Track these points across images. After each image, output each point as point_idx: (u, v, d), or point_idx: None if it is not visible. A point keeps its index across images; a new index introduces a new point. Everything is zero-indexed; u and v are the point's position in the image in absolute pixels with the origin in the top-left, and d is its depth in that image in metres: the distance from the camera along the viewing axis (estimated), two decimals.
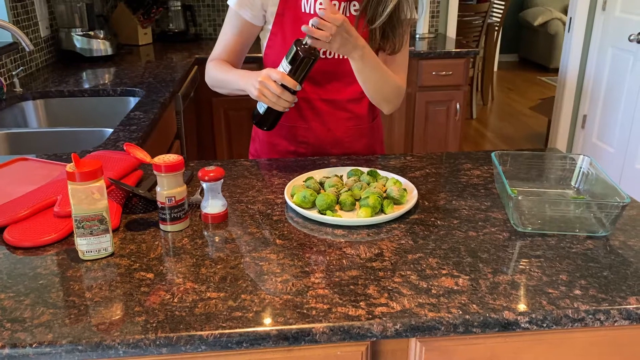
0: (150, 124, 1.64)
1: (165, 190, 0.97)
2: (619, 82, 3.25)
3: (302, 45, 1.14)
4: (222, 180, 1.02)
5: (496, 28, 5.09)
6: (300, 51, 1.13)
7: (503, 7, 5.08)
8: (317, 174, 1.20)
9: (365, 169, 1.20)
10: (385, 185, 1.12)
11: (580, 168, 1.16)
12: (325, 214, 1.03)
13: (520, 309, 0.77)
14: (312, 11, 1.28)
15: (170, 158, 0.96)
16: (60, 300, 0.79)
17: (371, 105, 1.42)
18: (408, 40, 1.37)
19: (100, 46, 2.67)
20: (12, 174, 1.20)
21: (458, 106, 3.11)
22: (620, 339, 0.83)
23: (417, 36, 3.46)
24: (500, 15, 5.13)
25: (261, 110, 1.23)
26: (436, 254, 0.91)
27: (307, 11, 1.29)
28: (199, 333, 0.72)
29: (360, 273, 0.85)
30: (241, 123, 3.00)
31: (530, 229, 1.00)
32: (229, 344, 0.72)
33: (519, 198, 1.02)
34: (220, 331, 0.72)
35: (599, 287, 0.82)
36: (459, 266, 0.88)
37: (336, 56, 1.33)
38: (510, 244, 0.95)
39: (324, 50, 1.30)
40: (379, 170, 1.19)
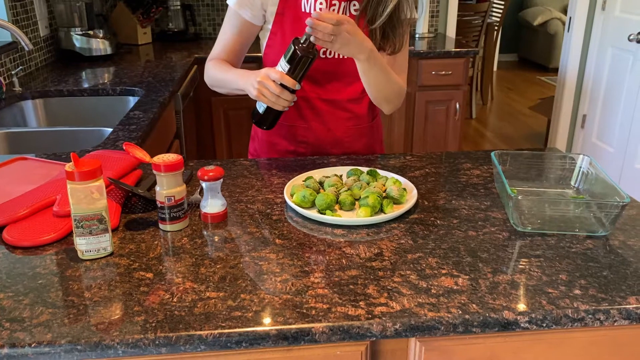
0: (149, 123, 1.64)
1: (165, 189, 0.97)
2: (618, 82, 3.25)
3: (300, 44, 1.14)
4: (222, 180, 1.02)
5: (496, 28, 5.09)
6: (299, 50, 1.13)
7: (503, 7, 5.08)
8: (317, 174, 1.20)
9: (364, 169, 1.20)
10: (384, 185, 1.12)
11: (580, 168, 1.16)
12: (324, 214, 1.03)
13: (520, 308, 0.77)
14: (312, 11, 1.28)
15: (169, 157, 0.96)
16: (60, 299, 0.79)
17: (371, 105, 1.42)
18: (408, 40, 1.37)
19: (100, 45, 2.66)
20: (12, 173, 1.20)
21: (458, 106, 3.11)
22: (620, 338, 0.83)
23: (417, 36, 3.46)
24: (499, 15, 5.13)
25: (260, 109, 1.23)
26: (436, 253, 0.91)
27: (307, 11, 1.29)
28: (199, 333, 0.72)
29: (360, 273, 0.85)
30: (241, 122, 3.00)
31: (530, 228, 0.99)
32: (229, 343, 0.72)
33: (519, 198, 1.02)
34: (220, 331, 0.72)
35: (598, 287, 0.82)
36: (459, 266, 0.87)
37: (336, 56, 1.32)
38: (510, 244, 0.95)
39: (324, 49, 1.30)
40: (378, 170, 1.19)
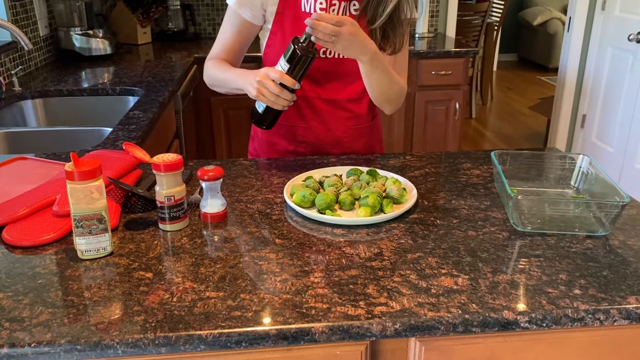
0: (149, 123, 1.64)
1: (165, 189, 0.96)
2: (618, 82, 3.25)
3: (300, 44, 1.14)
4: (221, 180, 1.02)
5: (495, 27, 5.09)
6: (298, 49, 1.13)
7: (502, 7, 5.08)
8: (317, 174, 1.20)
9: (364, 169, 1.20)
10: (384, 185, 1.12)
11: (580, 167, 1.16)
12: (324, 214, 1.03)
13: (520, 308, 0.77)
14: (312, 10, 1.28)
15: (169, 157, 0.96)
16: (59, 299, 0.78)
17: (371, 104, 1.42)
18: (408, 40, 1.37)
19: (100, 45, 2.66)
20: (11, 173, 1.20)
21: (457, 106, 3.11)
22: (619, 338, 0.83)
23: (417, 36, 3.46)
24: (499, 15, 5.13)
25: (260, 109, 1.23)
26: (436, 253, 0.91)
27: (307, 10, 1.29)
28: (198, 332, 0.72)
29: (360, 272, 0.85)
30: (240, 122, 3.00)
31: (529, 228, 0.99)
32: (228, 343, 0.72)
33: (519, 197, 1.02)
34: (220, 331, 0.72)
35: (598, 287, 0.82)
36: (459, 266, 0.87)
37: (336, 56, 1.32)
38: (510, 244, 0.95)
39: (324, 49, 1.30)
40: (378, 170, 1.19)
